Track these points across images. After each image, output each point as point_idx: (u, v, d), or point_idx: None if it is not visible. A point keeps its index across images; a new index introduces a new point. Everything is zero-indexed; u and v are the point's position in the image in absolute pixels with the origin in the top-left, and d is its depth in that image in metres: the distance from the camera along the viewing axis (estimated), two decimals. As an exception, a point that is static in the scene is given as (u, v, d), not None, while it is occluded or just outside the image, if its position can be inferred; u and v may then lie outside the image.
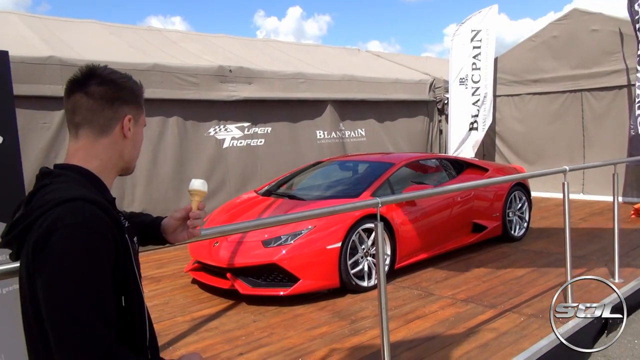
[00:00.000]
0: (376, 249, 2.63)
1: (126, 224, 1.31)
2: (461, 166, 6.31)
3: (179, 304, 4.50)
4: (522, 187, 6.42)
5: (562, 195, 4.00)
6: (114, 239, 1.10)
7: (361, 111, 9.45)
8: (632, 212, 7.22)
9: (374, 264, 4.72)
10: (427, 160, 6.39)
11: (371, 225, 4.68)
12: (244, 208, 5.31)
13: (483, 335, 3.59)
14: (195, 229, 1.47)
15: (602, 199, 8.39)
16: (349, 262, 4.51)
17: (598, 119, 8.85)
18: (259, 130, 7.98)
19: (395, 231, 4.85)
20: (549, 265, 5.19)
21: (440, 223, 5.44)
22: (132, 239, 1.30)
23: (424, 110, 10.68)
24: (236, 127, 7.74)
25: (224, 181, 7.51)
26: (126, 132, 1.26)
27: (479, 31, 9.40)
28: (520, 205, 6.39)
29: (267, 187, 5.88)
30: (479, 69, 9.51)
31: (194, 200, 1.42)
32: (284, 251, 4.35)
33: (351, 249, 4.55)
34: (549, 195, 9.05)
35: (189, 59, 7.65)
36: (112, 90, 1.23)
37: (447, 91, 10.20)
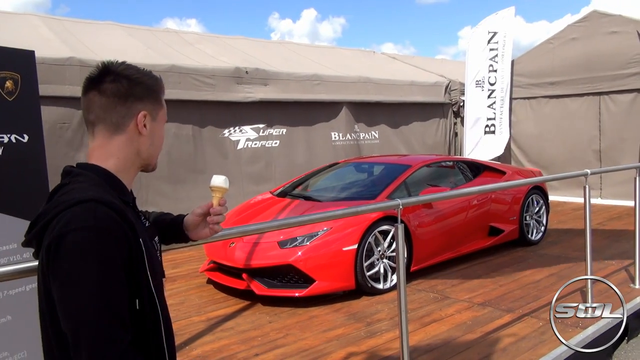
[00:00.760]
0: (396, 251, 2.62)
1: (146, 224, 1.32)
2: (478, 169, 6.26)
3: (194, 303, 4.52)
4: (540, 190, 6.35)
5: (583, 199, 3.95)
6: (127, 241, 1.09)
7: (376, 113, 9.43)
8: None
9: (390, 266, 4.70)
10: (443, 163, 6.36)
11: (387, 228, 4.67)
12: (259, 209, 5.32)
13: (501, 339, 3.55)
14: (216, 225, 1.45)
15: (620, 203, 8.27)
16: (364, 264, 4.50)
17: (616, 122, 8.73)
18: (274, 131, 8.00)
19: (411, 234, 4.83)
20: (567, 270, 5.12)
21: (456, 226, 5.40)
22: (152, 240, 1.30)
23: (439, 113, 10.63)
24: (251, 129, 7.77)
25: (238, 182, 7.53)
26: (141, 129, 1.23)
27: (495, 33, 9.32)
28: (537, 208, 6.32)
29: (282, 188, 5.89)
30: (496, 71, 9.43)
31: (215, 196, 1.42)
32: (300, 252, 4.35)
33: (367, 251, 4.53)
34: (565, 199, 8.95)
35: (205, 60, 7.70)
36: (125, 86, 1.21)
37: (463, 93, 10.13)
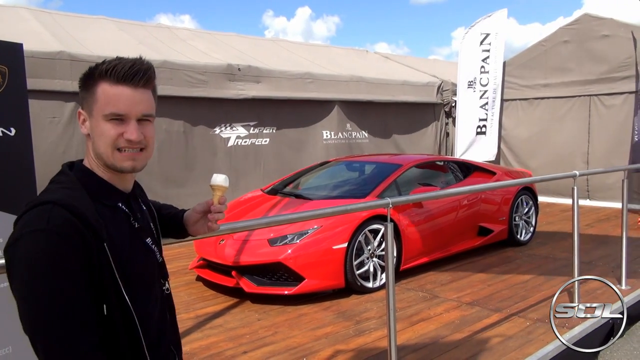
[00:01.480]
0: (385, 250, 2.63)
1: (136, 225, 1.26)
2: (468, 169, 6.30)
3: (183, 301, 4.50)
4: (529, 191, 6.39)
5: (572, 200, 3.98)
6: (84, 245, 1.05)
7: (368, 112, 9.44)
8: (638, 220, 7.17)
9: (380, 265, 4.71)
10: (434, 163, 6.38)
11: (377, 227, 4.68)
12: (250, 206, 5.31)
13: (488, 339, 3.57)
14: (214, 224, 1.44)
15: (608, 205, 8.35)
16: (354, 263, 4.51)
17: (605, 124, 8.81)
18: (264, 129, 7.99)
19: (401, 233, 4.84)
20: (555, 270, 5.16)
21: (446, 226, 5.43)
22: (143, 240, 1.27)
23: (431, 113, 10.66)
24: (242, 126, 7.75)
25: (228, 179, 7.51)
26: (81, 129, 1.20)
27: (488, 34, 9.36)
28: (527, 209, 6.36)
29: (273, 186, 5.88)
30: (488, 72, 9.47)
31: (216, 195, 1.42)
32: (290, 250, 4.35)
33: (357, 250, 4.54)
34: (554, 200, 9.02)
35: (197, 56, 7.66)
36: (79, 85, 1.19)
37: (455, 94, 10.17)
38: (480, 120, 9.64)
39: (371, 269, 4.65)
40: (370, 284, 4.62)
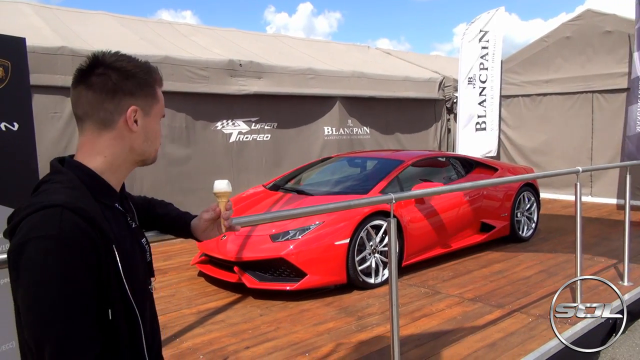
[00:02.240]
0: (389, 245, 2.62)
1: (133, 225, 1.25)
2: (470, 165, 6.28)
3: (185, 296, 4.50)
4: (532, 187, 6.38)
5: (574, 196, 3.96)
6: (94, 251, 1.02)
7: (370, 108, 9.43)
8: (640, 216, 7.17)
9: (382, 261, 4.71)
10: (436, 159, 6.37)
11: (379, 222, 4.67)
12: (252, 202, 5.30)
13: (491, 334, 3.57)
14: (231, 227, 1.45)
15: (610, 201, 8.34)
16: (356, 259, 4.50)
17: (608, 120, 8.78)
18: (266, 125, 7.98)
19: (403, 229, 4.84)
20: (557, 267, 5.16)
21: (448, 222, 5.42)
22: (138, 241, 1.26)
23: (432, 109, 10.65)
24: (243, 122, 7.74)
25: (230, 175, 7.50)
26: (131, 125, 1.16)
27: (486, 32, 9.36)
28: (529, 205, 6.36)
29: (275, 182, 5.87)
30: (487, 69, 9.46)
31: (221, 201, 1.41)
32: (292, 246, 4.34)
33: (359, 246, 4.54)
34: (556, 196, 9.02)
35: (199, 52, 7.65)
36: (114, 80, 1.13)
37: (457, 90, 10.14)
38: (479, 117, 9.62)
39: (373, 265, 4.65)
40: (372, 280, 4.62)
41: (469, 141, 9.52)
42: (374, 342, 3.49)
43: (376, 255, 4.69)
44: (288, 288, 4.31)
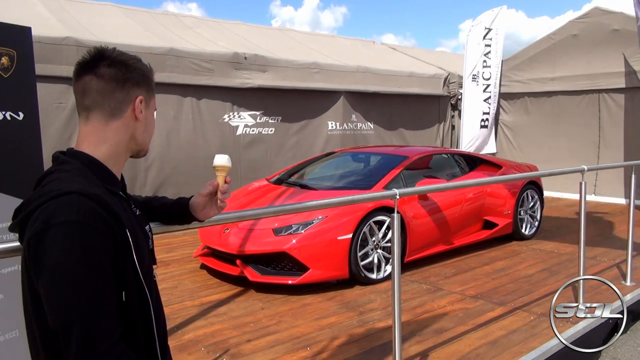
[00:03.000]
0: (392, 240, 2.62)
1: (137, 212, 1.29)
2: (474, 162, 6.27)
3: (187, 288, 4.51)
4: (535, 185, 6.36)
5: (579, 195, 3.95)
6: (111, 234, 1.06)
7: (374, 103, 9.41)
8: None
9: (384, 256, 4.71)
10: (440, 155, 6.35)
11: (382, 218, 4.67)
12: (256, 196, 5.30)
13: (492, 332, 3.57)
14: (222, 203, 1.49)
15: (614, 200, 8.31)
16: (359, 254, 4.50)
17: (614, 119, 8.74)
18: (270, 119, 7.97)
19: (406, 225, 4.83)
20: (559, 265, 5.15)
21: (451, 218, 5.41)
22: (143, 228, 1.29)
23: (437, 105, 10.61)
24: (249, 115, 7.73)
25: (237, 168, 7.51)
26: (138, 114, 1.21)
27: (490, 30, 9.33)
28: (532, 204, 6.34)
29: (278, 176, 5.87)
30: (489, 66, 9.44)
31: (220, 175, 1.43)
32: (295, 240, 4.34)
33: (362, 241, 4.54)
34: (560, 195, 8.99)
35: (204, 44, 7.63)
36: (123, 71, 1.19)
37: (461, 86, 10.11)
38: (484, 113, 9.59)
39: (375, 261, 4.65)
40: (374, 276, 4.62)
41: (474, 138, 9.49)
42: (375, 337, 3.50)
43: (378, 250, 4.68)
44: (290, 282, 4.32)
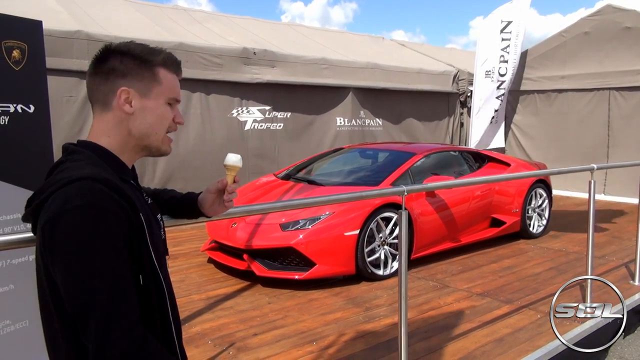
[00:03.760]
0: (399, 237, 2.62)
1: (149, 201, 1.31)
2: (483, 160, 6.24)
3: (194, 282, 4.54)
4: (544, 184, 6.32)
5: (588, 194, 3.92)
6: (126, 218, 1.06)
7: (383, 100, 9.38)
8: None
9: (391, 253, 4.71)
10: (448, 152, 6.33)
11: (389, 214, 4.66)
12: (263, 191, 5.32)
13: (498, 330, 3.57)
14: (230, 202, 1.49)
15: (623, 200, 8.24)
16: (365, 250, 4.51)
17: (625, 118, 8.66)
18: (279, 114, 7.97)
19: (413, 221, 4.82)
20: (567, 264, 5.12)
21: (458, 216, 5.39)
22: (154, 216, 1.29)
23: (446, 102, 10.57)
24: (258, 110, 7.74)
25: (244, 163, 7.50)
26: (122, 107, 1.17)
27: (509, 22, 9.16)
28: (540, 202, 6.30)
29: (286, 171, 5.88)
30: (507, 61, 9.32)
31: (230, 174, 1.44)
32: (302, 235, 4.36)
33: (368, 237, 4.54)
34: (568, 194, 8.93)
35: (213, 39, 7.65)
36: (110, 63, 1.18)
37: (471, 84, 10.05)
38: (495, 111, 9.52)
39: (382, 257, 4.65)
40: (380, 272, 4.62)
41: (483, 135, 9.44)
42: (381, 333, 3.50)
43: (385, 247, 4.68)
44: (297, 277, 4.33)
